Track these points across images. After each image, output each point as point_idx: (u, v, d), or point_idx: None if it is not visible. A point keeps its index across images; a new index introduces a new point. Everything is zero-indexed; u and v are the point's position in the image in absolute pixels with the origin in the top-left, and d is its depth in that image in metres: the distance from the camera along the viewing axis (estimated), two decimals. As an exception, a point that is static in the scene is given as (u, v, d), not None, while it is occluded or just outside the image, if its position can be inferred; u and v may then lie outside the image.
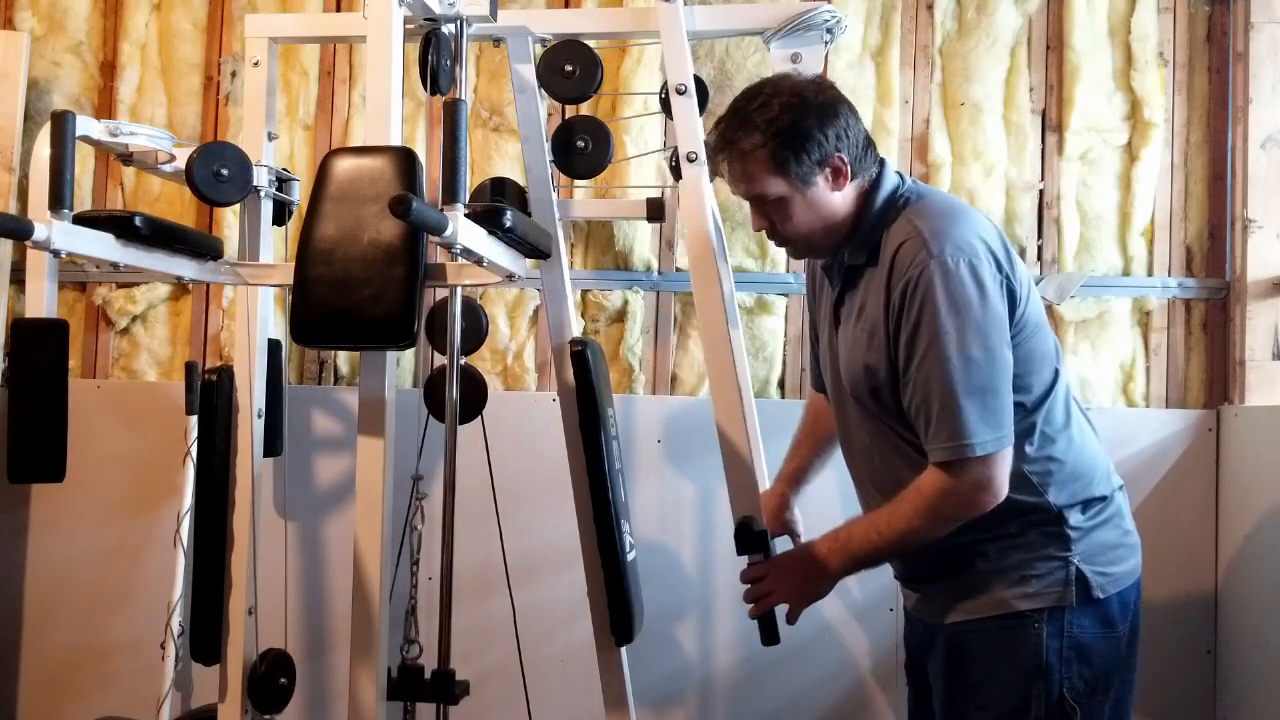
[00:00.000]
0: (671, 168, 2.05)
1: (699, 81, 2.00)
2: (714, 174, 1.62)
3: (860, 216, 1.58)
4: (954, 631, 1.61)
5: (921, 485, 1.51)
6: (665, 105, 2.02)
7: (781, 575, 1.66)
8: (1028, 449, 1.54)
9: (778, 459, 2.41)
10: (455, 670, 2.09)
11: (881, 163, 1.61)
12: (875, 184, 1.59)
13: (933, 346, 1.44)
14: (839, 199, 1.56)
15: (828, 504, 1.58)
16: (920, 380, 1.47)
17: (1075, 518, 1.55)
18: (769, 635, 1.74)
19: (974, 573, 1.57)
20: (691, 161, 1.94)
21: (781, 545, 1.84)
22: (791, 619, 1.67)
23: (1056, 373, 1.57)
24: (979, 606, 1.57)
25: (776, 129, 1.51)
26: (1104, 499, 1.59)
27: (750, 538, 1.76)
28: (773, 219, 1.59)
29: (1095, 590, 1.53)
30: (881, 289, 1.51)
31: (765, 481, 2.07)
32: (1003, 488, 1.48)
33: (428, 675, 2.08)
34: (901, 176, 1.62)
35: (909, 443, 1.56)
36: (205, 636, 1.99)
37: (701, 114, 1.96)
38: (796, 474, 1.94)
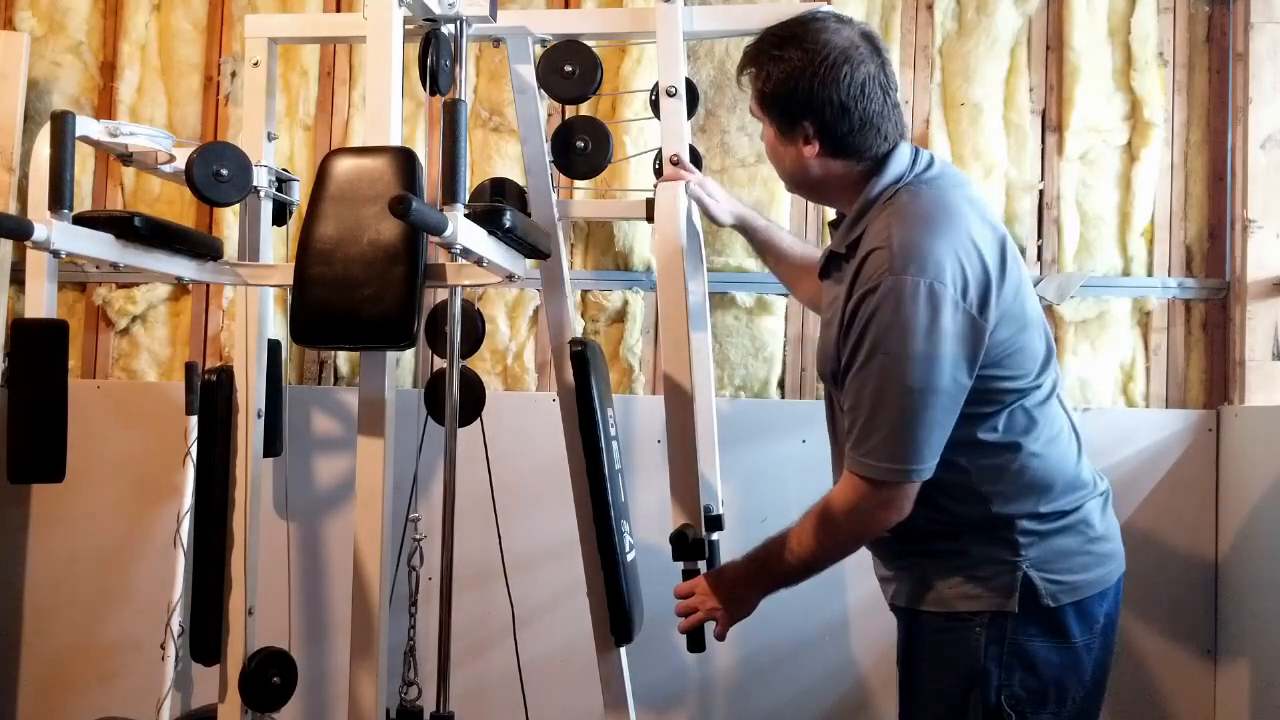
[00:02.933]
0: (656, 170, 2.05)
1: (689, 84, 1.99)
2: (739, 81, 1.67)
3: (855, 195, 1.55)
4: (908, 621, 1.61)
5: (831, 496, 1.53)
6: (655, 107, 2.03)
7: (707, 593, 1.67)
8: (980, 458, 1.50)
9: (777, 459, 2.40)
10: (454, 713, 2.08)
11: (896, 145, 1.55)
12: (879, 168, 1.53)
13: (871, 362, 1.43)
14: (814, 164, 1.55)
15: (794, 503, 1.57)
16: (855, 388, 1.46)
17: (1027, 524, 1.51)
18: (694, 644, 1.76)
19: (925, 568, 1.57)
20: (675, 165, 1.94)
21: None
22: (719, 635, 1.67)
23: (1038, 375, 1.52)
24: (927, 600, 1.56)
25: (764, 78, 1.55)
26: (1066, 510, 1.53)
27: (686, 546, 1.79)
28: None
29: (1045, 599, 1.49)
30: (846, 288, 1.49)
31: (718, 482, 2.08)
32: (907, 508, 1.48)
33: (426, 719, 2.08)
34: (914, 159, 1.55)
35: None
36: (205, 636, 1.99)
37: (691, 116, 1.96)
38: (758, 224, 1.97)
